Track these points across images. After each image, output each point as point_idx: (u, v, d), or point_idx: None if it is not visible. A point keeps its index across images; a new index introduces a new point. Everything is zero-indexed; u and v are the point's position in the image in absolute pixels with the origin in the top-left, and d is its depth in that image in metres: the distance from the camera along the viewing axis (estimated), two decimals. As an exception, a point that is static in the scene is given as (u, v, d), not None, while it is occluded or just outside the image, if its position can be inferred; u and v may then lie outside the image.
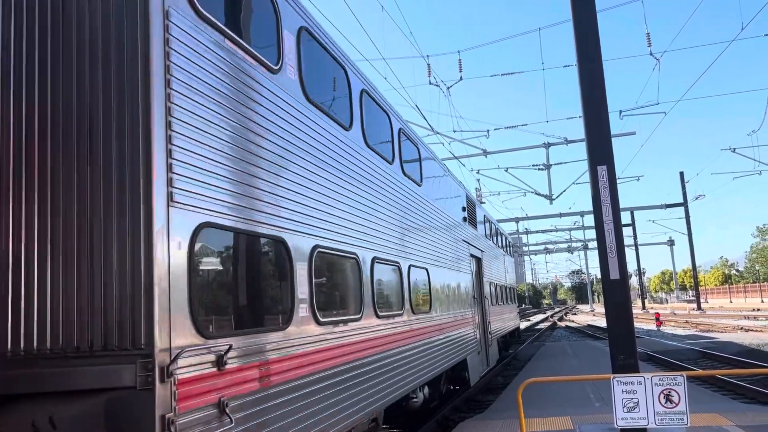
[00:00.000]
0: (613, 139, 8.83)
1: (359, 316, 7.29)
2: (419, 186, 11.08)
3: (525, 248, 78.07)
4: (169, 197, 4.08)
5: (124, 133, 4.05)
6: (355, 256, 7.35)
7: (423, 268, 10.70)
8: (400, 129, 10.22)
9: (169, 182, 4.10)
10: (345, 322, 6.89)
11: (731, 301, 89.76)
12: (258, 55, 5.45)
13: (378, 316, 7.94)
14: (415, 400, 9.98)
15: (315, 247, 6.27)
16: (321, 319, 6.23)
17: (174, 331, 3.97)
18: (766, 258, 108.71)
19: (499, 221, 38.51)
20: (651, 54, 23.59)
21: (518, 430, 7.26)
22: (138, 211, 3.95)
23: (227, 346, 4.47)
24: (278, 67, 5.86)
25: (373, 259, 8.03)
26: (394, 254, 9.00)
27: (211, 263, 4.76)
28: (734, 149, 41.08)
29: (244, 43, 5.25)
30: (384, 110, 9.51)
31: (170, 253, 4.02)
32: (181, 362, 3.97)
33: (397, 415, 9.84)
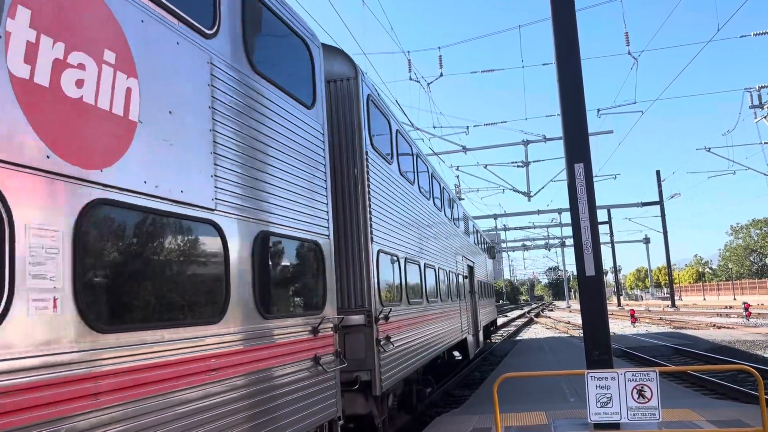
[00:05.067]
0: (590, 138, 8.91)
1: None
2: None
3: (503, 245, 78.56)
4: None
5: None
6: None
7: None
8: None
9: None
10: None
11: (705, 299, 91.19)
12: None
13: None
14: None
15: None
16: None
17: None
18: (739, 256, 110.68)
19: (478, 218, 38.70)
20: (629, 53, 23.89)
21: (494, 424, 7.31)
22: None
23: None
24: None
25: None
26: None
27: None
28: (709, 149, 41.72)
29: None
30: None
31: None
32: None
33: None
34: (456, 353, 19.40)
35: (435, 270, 13.86)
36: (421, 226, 12.70)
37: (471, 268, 21.63)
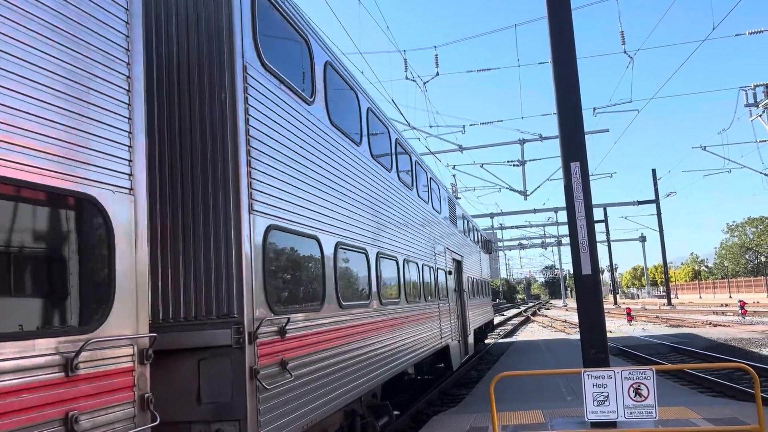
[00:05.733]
0: (586, 136, 8.93)
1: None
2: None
3: (500, 243, 78.66)
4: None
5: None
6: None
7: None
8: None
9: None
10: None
11: (701, 297, 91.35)
12: None
13: None
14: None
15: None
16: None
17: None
18: (735, 255, 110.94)
19: (475, 217, 38.72)
20: (625, 52, 23.89)
21: (491, 423, 7.32)
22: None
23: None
24: None
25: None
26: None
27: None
28: (705, 147, 41.78)
29: None
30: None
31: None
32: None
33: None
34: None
35: (397, 262, 10.76)
36: (373, 204, 9.50)
37: (459, 263, 18.91)
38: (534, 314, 63.84)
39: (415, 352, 11.46)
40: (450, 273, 16.76)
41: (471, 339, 20.04)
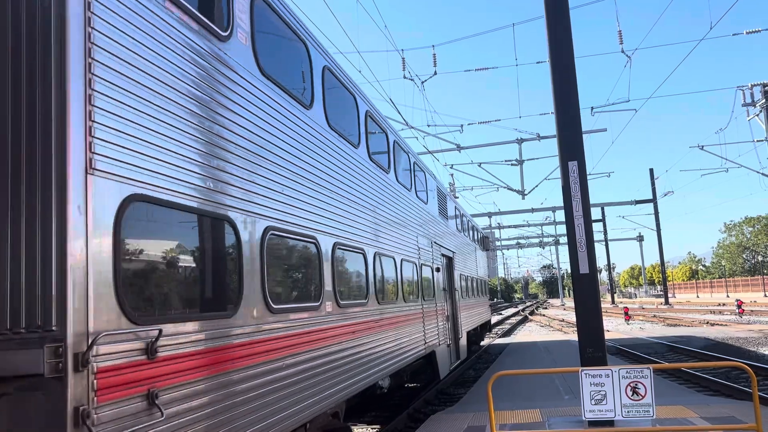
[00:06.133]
0: (584, 136, 8.95)
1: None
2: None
3: (497, 243, 78.74)
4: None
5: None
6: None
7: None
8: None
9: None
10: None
11: (698, 296, 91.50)
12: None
13: None
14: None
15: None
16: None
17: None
18: (732, 254, 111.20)
19: (472, 216, 38.71)
20: (622, 51, 23.90)
21: (488, 422, 7.32)
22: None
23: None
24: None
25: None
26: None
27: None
28: (702, 147, 41.85)
29: None
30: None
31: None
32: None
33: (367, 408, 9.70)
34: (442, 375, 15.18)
35: (364, 256, 9.09)
36: (328, 185, 7.67)
37: (450, 260, 17.26)
38: (532, 313, 63.87)
39: (389, 362, 9.82)
40: (438, 270, 15.28)
41: (463, 342, 18.48)
